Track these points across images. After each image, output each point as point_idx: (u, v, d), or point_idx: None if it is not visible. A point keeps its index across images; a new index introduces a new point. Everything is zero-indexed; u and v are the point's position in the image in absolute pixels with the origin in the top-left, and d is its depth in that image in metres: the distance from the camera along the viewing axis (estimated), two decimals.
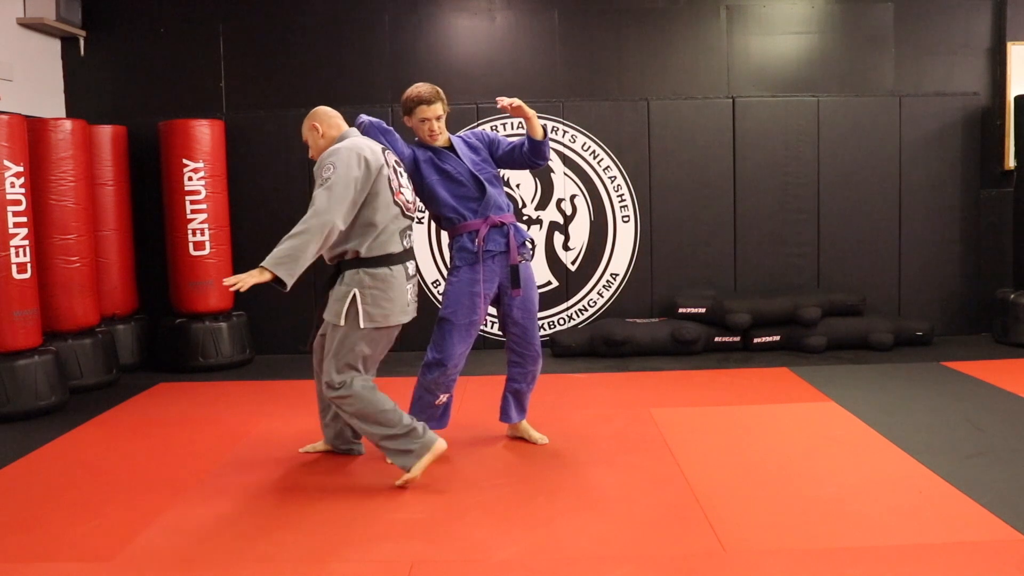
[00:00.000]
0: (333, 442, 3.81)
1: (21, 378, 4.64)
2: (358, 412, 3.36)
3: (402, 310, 3.39)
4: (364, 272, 3.33)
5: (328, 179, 3.21)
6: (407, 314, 3.43)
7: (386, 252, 3.35)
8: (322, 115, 3.48)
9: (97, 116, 5.98)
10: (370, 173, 3.27)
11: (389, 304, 3.34)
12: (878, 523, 2.94)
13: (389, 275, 3.34)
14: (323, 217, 3.18)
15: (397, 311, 3.37)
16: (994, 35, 6.26)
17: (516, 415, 3.97)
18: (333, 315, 3.37)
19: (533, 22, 6.30)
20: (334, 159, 3.25)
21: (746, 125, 6.20)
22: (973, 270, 6.31)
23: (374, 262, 3.34)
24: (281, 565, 2.76)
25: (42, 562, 2.83)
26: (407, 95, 3.65)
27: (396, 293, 3.36)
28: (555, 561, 2.74)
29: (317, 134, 3.45)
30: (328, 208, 3.18)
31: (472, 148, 3.76)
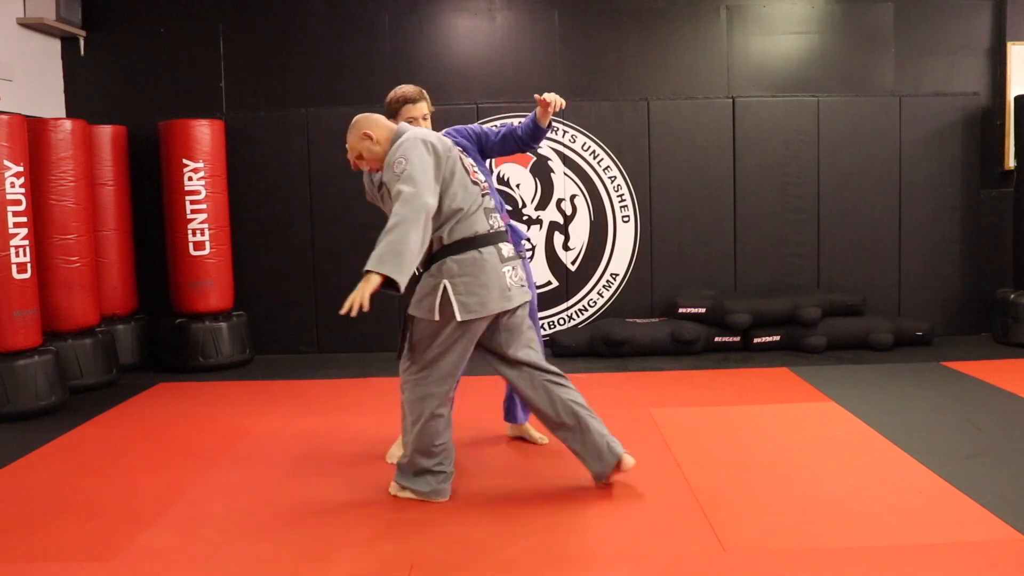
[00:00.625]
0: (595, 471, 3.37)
1: (21, 378, 4.64)
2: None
3: (502, 296, 3.11)
4: (451, 260, 3.08)
5: (403, 171, 2.99)
6: (509, 300, 3.13)
7: (475, 233, 3.10)
8: (371, 122, 3.22)
9: (97, 116, 5.98)
10: (439, 157, 3.07)
11: (484, 291, 3.07)
12: (878, 523, 2.94)
13: (480, 258, 3.09)
14: (414, 202, 2.92)
15: (496, 297, 3.10)
16: (994, 35, 6.26)
17: (523, 415, 3.96)
18: (425, 310, 3.10)
19: (533, 22, 6.30)
20: (401, 153, 3.04)
21: (746, 125, 6.20)
22: (973, 270, 6.31)
23: (459, 247, 3.09)
24: (281, 565, 2.76)
25: (42, 562, 2.83)
26: (392, 97, 3.60)
27: (490, 277, 3.09)
28: (555, 561, 2.74)
29: (372, 142, 3.19)
30: (416, 192, 2.93)
31: (463, 149, 3.74)
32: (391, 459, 3.72)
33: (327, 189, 6.19)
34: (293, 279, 6.29)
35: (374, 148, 3.20)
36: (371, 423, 4.30)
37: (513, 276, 3.17)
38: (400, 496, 3.28)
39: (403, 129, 3.21)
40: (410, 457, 3.24)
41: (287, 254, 6.27)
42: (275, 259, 6.28)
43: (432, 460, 3.22)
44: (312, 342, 6.32)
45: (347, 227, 6.16)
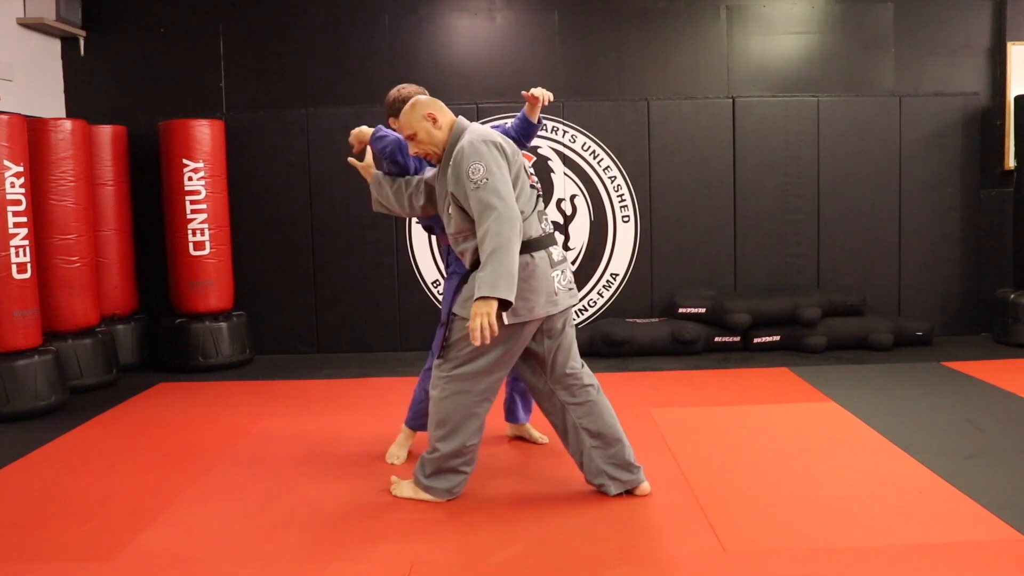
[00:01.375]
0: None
1: (21, 378, 4.64)
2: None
3: (549, 300, 3.05)
4: None
5: (484, 181, 2.91)
6: (555, 304, 3.07)
7: (528, 237, 3.03)
8: (437, 105, 3.12)
9: (97, 116, 5.98)
10: (509, 160, 3.02)
11: (533, 296, 3.01)
12: (878, 523, 2.94)
13: (531, 263, 3.03)
14: (510, 219, 2.88)
15: (543, 302, 3.04)
16: (994, 35, 6.26)
17: (525, 415, 3.95)
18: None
19: (533, 22, 6.30)
20: (476, 158, 2.94)
21: (746, 125, 6.20)
22: (973, 270, 6.31)
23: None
24: (281, 565, 2.76)
25: (42, 562, 2.83)
26: (394, 97, 3.54)
27: (540, 283, 3.03)
28: (555, 561, 2.74)
29: (434, 125, 3.09)
30: (507, 205, 2.89)
31: None
32: (391, 459, 3.72)
33: (327, 189, 6.19)
34: (293, 279, 6.29)
35: (435, 132, 3.09)
36: (371, 423, 4.30)
37: (561, 280, 3.11)
38: (412, 497, 3.24)
39: (464, 124, 3.13)
40: (436, 454, 3.18)
41: (287, 254, 6.27)
42: (275, 259, 6.28)
43: (459, 460, 3.19)
44: (312, 342, 6.32)
45: (347, 227, 6.16)
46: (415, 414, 3.71)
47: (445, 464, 3.19)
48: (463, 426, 3.15)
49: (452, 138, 3.09)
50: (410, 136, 3.12)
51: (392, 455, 3.73)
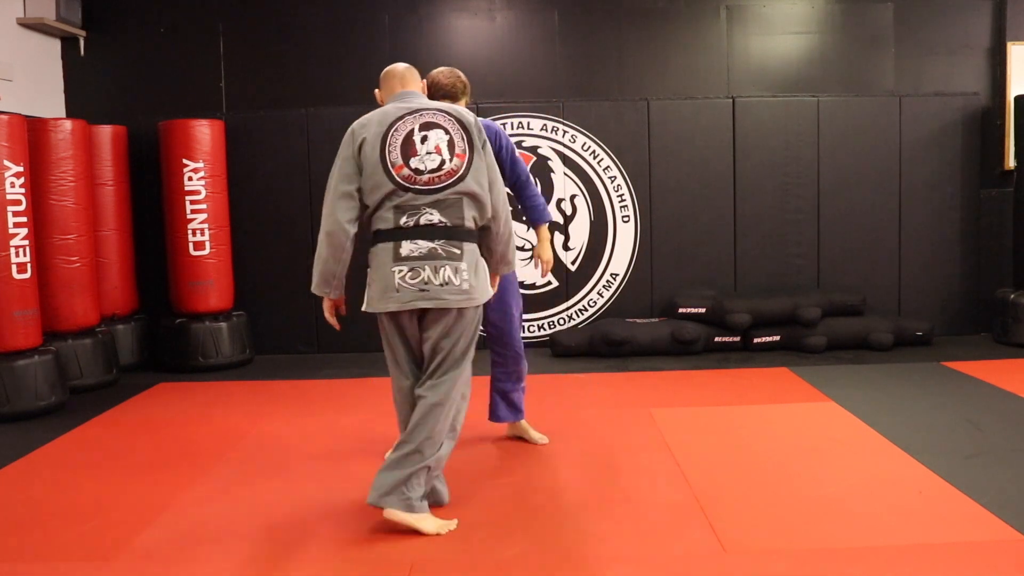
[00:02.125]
0: None
1: (21, 378, 4.64)
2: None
3: (386, 295, 3.04)
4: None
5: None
6: (392, 300, 3.04)
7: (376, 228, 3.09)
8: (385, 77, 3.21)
9: (97, 116, 5.98)
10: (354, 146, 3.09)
11: (371, 287, 3.13)
12: (878, 523, 2.94)
13: (372, 253, 3.13)
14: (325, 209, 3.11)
15: (376, 296, 3.09)
16: (994, 35, 6.26)
17: (508, 414, 3.91)
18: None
19: (533, 22, 6.30)
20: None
21: (746, 125, 6.20)
22: (973, 270, 6.31)
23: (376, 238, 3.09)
24: (281, 565, 2.76)
25: (42, 562, 2.83)
26: (428, 80, 3.48)
27: (376, 274, 3.11)
28: (555, 561, 2.74)
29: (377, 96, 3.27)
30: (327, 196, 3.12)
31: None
32: None
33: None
34: (293, 279, 6.28)
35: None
36: (371, 423, 4.30)
37: (408, 277, 3.00)
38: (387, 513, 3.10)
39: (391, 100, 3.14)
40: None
41: (287, 254, 6.27)
42: (275, 259, 6.28)
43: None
44: (312, 342, 6.32)
45: None
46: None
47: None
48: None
49: None
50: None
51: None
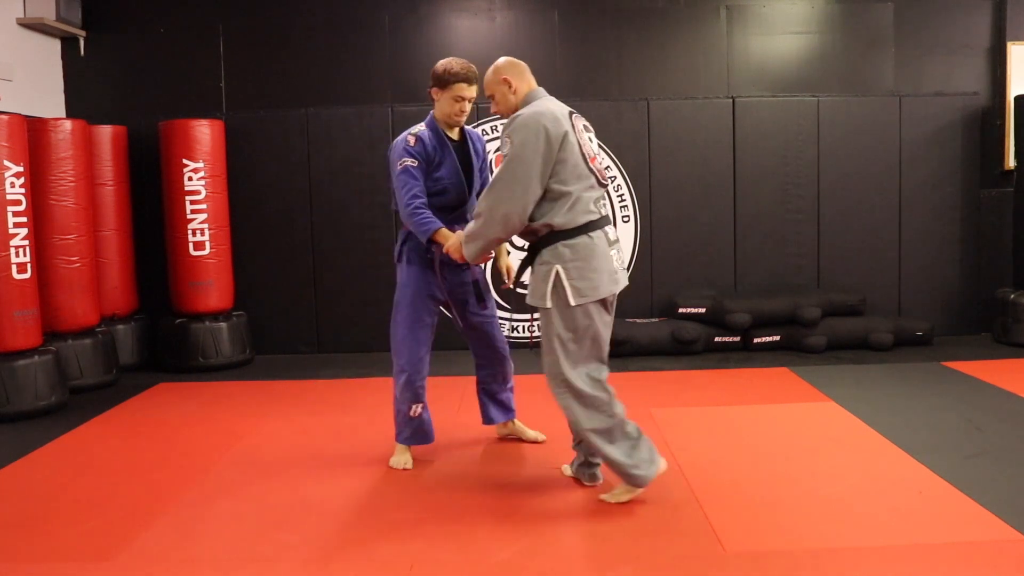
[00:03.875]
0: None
1: (21, 378, 4.64)
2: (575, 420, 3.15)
3: (611, 279, 3.10)
4: (563, 245, 3.05)
5: (512, 153, 3.00)
6: (616, 283, 3.12)
7: (580, 222, 3.06)
8: (514, 69, 3.19)
9: (97, 116, 5.98)
10: (551, 146, 3.00)
11: (595, 275, 3.05)
12: (878, 523, 2.94)
13: (591, 243, 3.06)
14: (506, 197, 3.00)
15: (606, 280, 3.08)
16: (994, 35, 6.26)
17: (498, 415, 3.89)
18: (539, 297, 3.08)
19: (533, 22, 6.30)
20: (522, 132, 3.00)
21: (746, 125, 6.20)
22: (973, 270, 6.31)
23: (573, 232, 3.06)
24: (281, 565, 2.76)
25: (42, 562, 2.83)
26: (447, 67, 3.47)
27: (600, 262, 3.07)
28: (555, 561, 2.74)
29: (508, 88, 3.17)
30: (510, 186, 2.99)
31: (478, 155, 3.68)
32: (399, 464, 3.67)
33: (327, 189, 6.19)
34: (293, 279, 6.29)
35: (509, 97, 3.19)
36: (371, 423, 4.30)
37: (617, 259, 3.18)
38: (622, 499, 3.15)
39: (537, 96, 3.17)
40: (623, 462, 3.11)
41: (287, 254, 6.27)
42: (275, 259, 6.28)
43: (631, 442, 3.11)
44: (312, 342, 6.32)
45: (347, 227, 6.16)
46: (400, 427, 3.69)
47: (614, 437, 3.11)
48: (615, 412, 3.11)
49: (521, 105, 3.15)
50: (489, 96, 3.25)
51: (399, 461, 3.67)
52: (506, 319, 6.27)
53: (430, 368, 3.66)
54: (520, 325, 6.27)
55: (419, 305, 3.56)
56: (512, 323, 6.28)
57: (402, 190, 3.44)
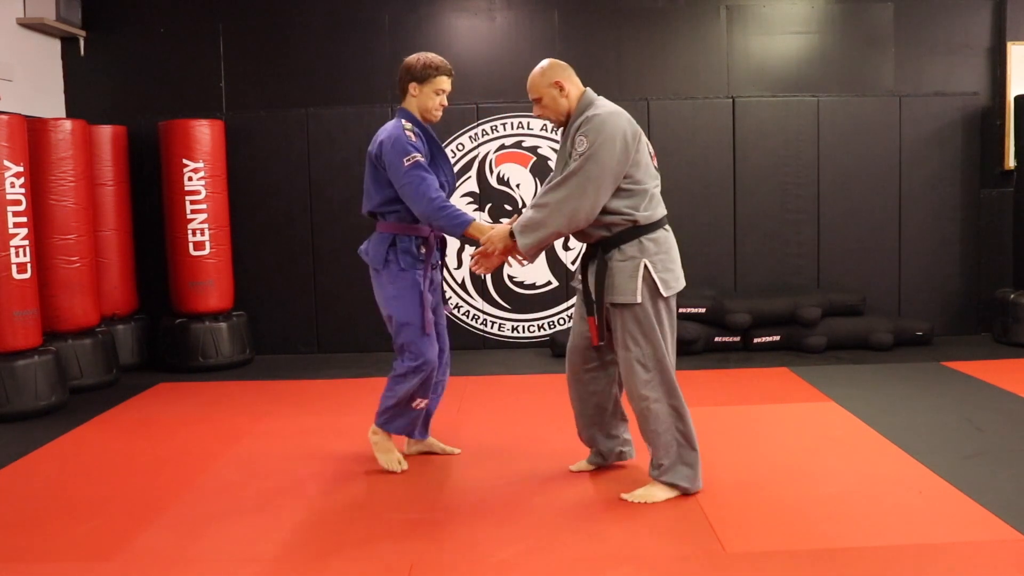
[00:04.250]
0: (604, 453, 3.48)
1: (21, 378, 4.64)
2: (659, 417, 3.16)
3: (679, 274, 3.20)
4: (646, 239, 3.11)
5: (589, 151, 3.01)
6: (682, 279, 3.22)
7: (661, 214, 3.16)
8: (565, 72, 3.17)
9: (97, 116, 5.98)
10: (628, 145, 3.08)
11: (675, 266, 3.16)
12: (878, 523, 2.94)
13: (669, 237, 3.18)
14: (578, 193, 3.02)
15: (680, 273, 3.19)
16: (994, 35, 6.26)
17: (421, 433, 3.75)
18: (628, 293, 3.08)
19: (533, 22, 6.30)
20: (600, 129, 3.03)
21: (746, 125, 6.20)
22: (973, 270, 6.31)
23: (654, 226, 3.12)
24: (281, 565, 2.76)
25: (42, 562, 2.83)
26: (427, 61, 3.42)
27: (676, 254, 3.19)
28: (555, 561, 2.74)
29: (560, 92, 3.15)
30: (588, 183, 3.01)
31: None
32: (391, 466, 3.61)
33: (327, 189, 6.19)
34: (293, 279, 6.29)
35: (560, 100, 3.16)
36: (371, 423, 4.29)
37: None
38: (659, 499, 3.17)
39: (593, 97, 3.17)
40: (675, 457, 3.17)
41: (287, 254, 6.27)
42: (275, 259, 6.28)
43: (696, 450, 3.20)
44: (312, 342, 6.32)
45: (347, 227, 6.15)
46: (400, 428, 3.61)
47: (684, 460, 3.20)
48: (688, 414, 3.18)
49: (580, 107, 3.15)
50: (536, 99, 3.20)
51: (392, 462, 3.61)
52: (507, 319, 6.28)
53: None
54: (520, 325, 6.27)
55: (417, 307, 3.47)
56: (513, 323, 6.28)
57: (420, 186, 3.30)
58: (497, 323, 6.29)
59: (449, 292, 6.26)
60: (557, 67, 3.18)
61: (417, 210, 3.36)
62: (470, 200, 6.20)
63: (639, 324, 3.09)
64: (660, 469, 3.19)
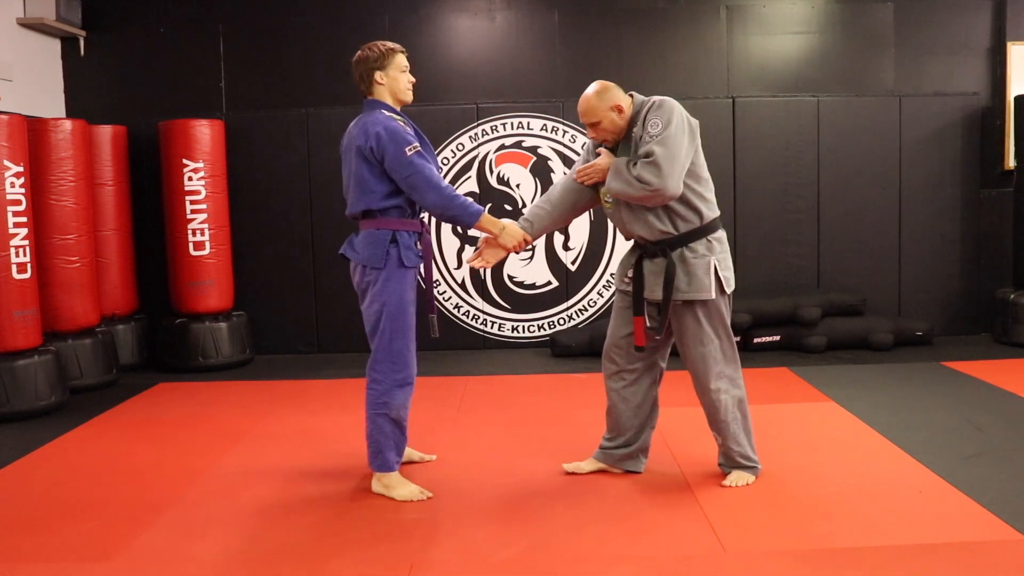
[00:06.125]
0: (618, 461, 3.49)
1: (21, 378, 4.64)
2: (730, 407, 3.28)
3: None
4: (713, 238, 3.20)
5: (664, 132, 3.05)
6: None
7: (717, 214, 3.24)
8: (619, 92, 3.19)
9: (97, 116, 5.98)
10: (694, 134, 3.16)
11: (731, 268, 3.26)
12: (878, 523, 2.94)
13: (725, 237, 3.27)
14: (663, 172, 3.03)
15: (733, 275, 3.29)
16: (994, 35, 6.26)
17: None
18: (704, 289, 3.15)
19: (533, 22, 6.30)
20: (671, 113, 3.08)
21: (746, 125, 6.20)
22: (973, 270, 6.31)
23: (716, 224, 3.22)
24: (281, 565, 2.76)
25: (42, 562, 2.83)
26: (378, 48, 3.31)
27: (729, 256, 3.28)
28: (555, 561, 2.74)
29: (619, 114, 3.17)
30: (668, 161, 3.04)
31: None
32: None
33: (327, 189, 6.19)
34: (293, 279, 6.29)
35: (619, 122, 3.19)
36: None
37: None
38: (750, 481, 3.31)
39: (639, 101, 3.18)
40: (745, 442, 3.33)
41: (287, 254, 6.27)
42: (275, 259, 6.28)
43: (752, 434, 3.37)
44: (312, 342, 6.32)
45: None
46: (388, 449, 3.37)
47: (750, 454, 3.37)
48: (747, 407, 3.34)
49: (636, 110, 3.17)
50: (594, 123, 3.19)
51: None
52: (507, 319, 6.28)
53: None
54: (520, 325, 6.27)
55: (412, 312, 3.36)
56: (513, 323, 6.28)
57: (426, 174, 3.15)
58: (497, 323, 6.29)
59: (449, 292, 6.26)
60: (613, 89, 3.19)
61: (427, 200, 3.19)
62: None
63: (711, 319, 3.19)
64: (734, 454, 3.33)
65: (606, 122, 3.17)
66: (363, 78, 3.35)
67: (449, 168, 6.18)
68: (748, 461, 3.35)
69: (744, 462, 3.34)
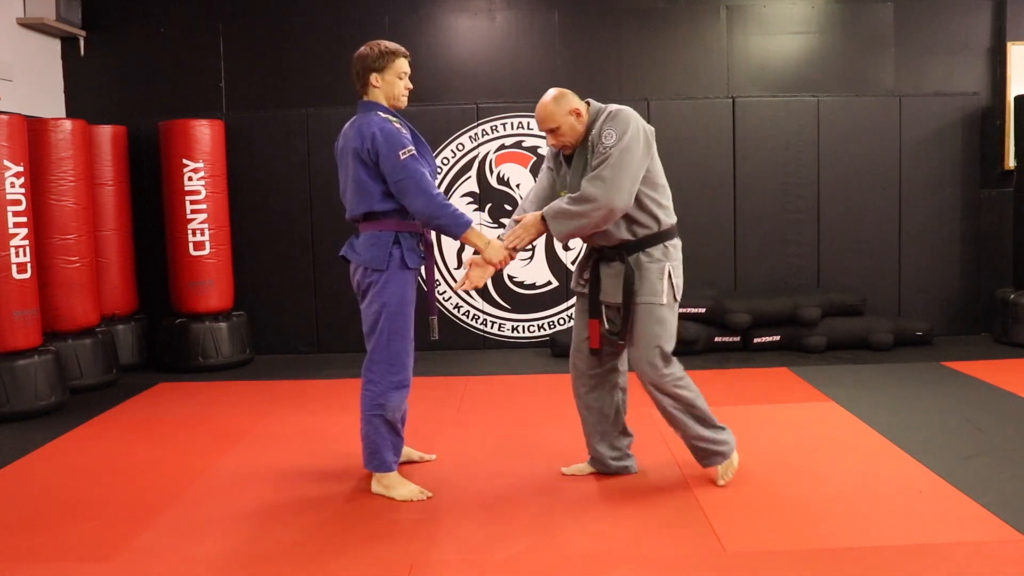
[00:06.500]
0: (606, 462, 3.46)
1: (21, 378, 4.64)
2: (688, 400, 3.23)
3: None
4: (670, 245, 3.23)
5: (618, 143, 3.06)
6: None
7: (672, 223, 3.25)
8: (575, 97, 3.19)
9: (97, 116, 5.99)
10: (650, 144, 3.17)
11: (682, 274, 3.30)
12: (878, 523, 2.94)
13: (679, 245, 3.30)
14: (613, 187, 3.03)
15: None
16: (994, 35, 6.26)
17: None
18: (656, 293, 3.17)
19: (533, 22, 6.30)
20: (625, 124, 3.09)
21: (746, 125, 6.20)
22: (973, 270, 6.31)
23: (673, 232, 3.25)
24: (281, 565, 2.76)
25: (42, 562, 2.83)
26: (382, 47, 3.27)
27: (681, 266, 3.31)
28: (555, 561, 2.74)
29: (577, 119, 3.16)
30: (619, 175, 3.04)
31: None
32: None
33: (327, 189, 6.18)
34: (293, 279, 6.29)
35: (577, 127, 3.18)
36: None
37: None
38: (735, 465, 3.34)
39: (598, 104, 3.21)
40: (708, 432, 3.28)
41: (287, 254, 6.27)
42: (275, 259, 6.28)
43: (717, 425, 3.31)
44: (312, 342, 6.32)
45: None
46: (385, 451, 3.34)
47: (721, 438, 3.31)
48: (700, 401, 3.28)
49: (592, 118, 3.18)
50: (553, 129, 3.18)
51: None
52: (507, 319, 6.28)
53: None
54: (520, 325, 6.27)
55: (411, 313, 3.32)
56: (513, 323, 6.28)
57: (421, 181, 3.12)
58: (497, 323, 6.29)
59: (449, 292, 6.26)
60: (569, 95, 3.19)
61: (415, 206, 3.15)
62: (470, 200, 6.20)
63: (660, 323, 3.18)
64: (700, 445, 3.29)
65: (565, 127, 3.16)
66: (359, 77, 3.32)
67: (449, 168, 6.19)
68: (715, 445, 3.28)
69: (713, 447, 3.27)
